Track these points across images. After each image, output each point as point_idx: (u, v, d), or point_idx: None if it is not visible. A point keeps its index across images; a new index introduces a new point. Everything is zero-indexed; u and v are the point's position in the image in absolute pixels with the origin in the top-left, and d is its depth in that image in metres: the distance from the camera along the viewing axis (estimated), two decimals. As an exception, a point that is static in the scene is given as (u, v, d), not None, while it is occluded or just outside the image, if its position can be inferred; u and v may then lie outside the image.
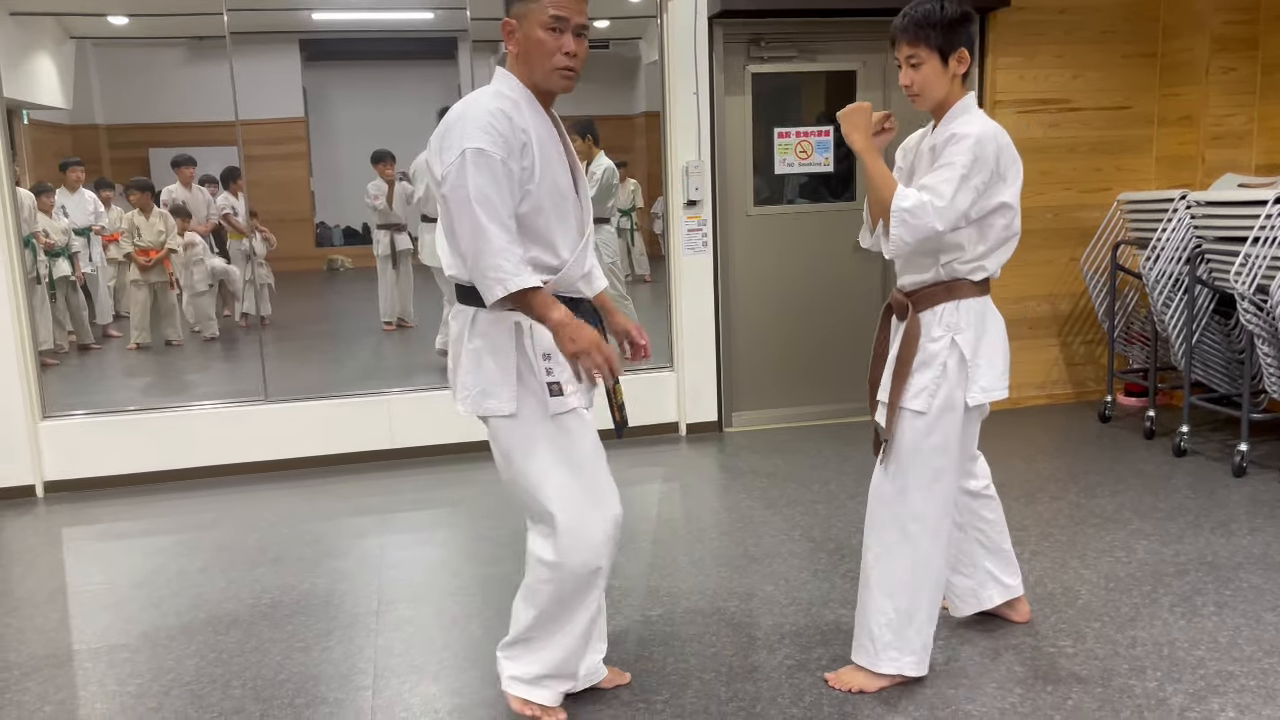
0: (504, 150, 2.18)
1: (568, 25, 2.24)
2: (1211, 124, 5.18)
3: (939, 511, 2.58)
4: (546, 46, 2.23)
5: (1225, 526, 3.74)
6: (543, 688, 2.50)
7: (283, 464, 4.89)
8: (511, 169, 2.20)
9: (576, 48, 2.26)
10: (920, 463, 2.54)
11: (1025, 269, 5.58)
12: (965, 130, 2.42)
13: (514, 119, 2.22)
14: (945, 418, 2.52)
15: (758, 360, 5.45)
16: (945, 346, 2.52)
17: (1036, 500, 4.11)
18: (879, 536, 2.61)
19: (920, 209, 2.37)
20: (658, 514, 4.23)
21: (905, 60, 2.49)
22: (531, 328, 2.30)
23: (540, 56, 2.25)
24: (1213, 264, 4.54)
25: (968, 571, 2.89)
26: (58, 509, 4.52)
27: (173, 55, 7.08)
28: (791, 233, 5.42)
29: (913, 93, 2.51)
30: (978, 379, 2.53)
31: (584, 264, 2.40)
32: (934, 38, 2.43)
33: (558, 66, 2.26)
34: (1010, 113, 5.39)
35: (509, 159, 2.19)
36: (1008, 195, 2.50)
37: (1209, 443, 4.77)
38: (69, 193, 6.37)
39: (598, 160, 5.83)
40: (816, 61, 5.31)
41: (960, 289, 2.54)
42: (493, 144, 2.17)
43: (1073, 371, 5.77)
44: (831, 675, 2.70)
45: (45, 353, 4.94)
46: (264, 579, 3.58)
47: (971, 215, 2.45)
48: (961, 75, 2.50)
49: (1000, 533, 2.88)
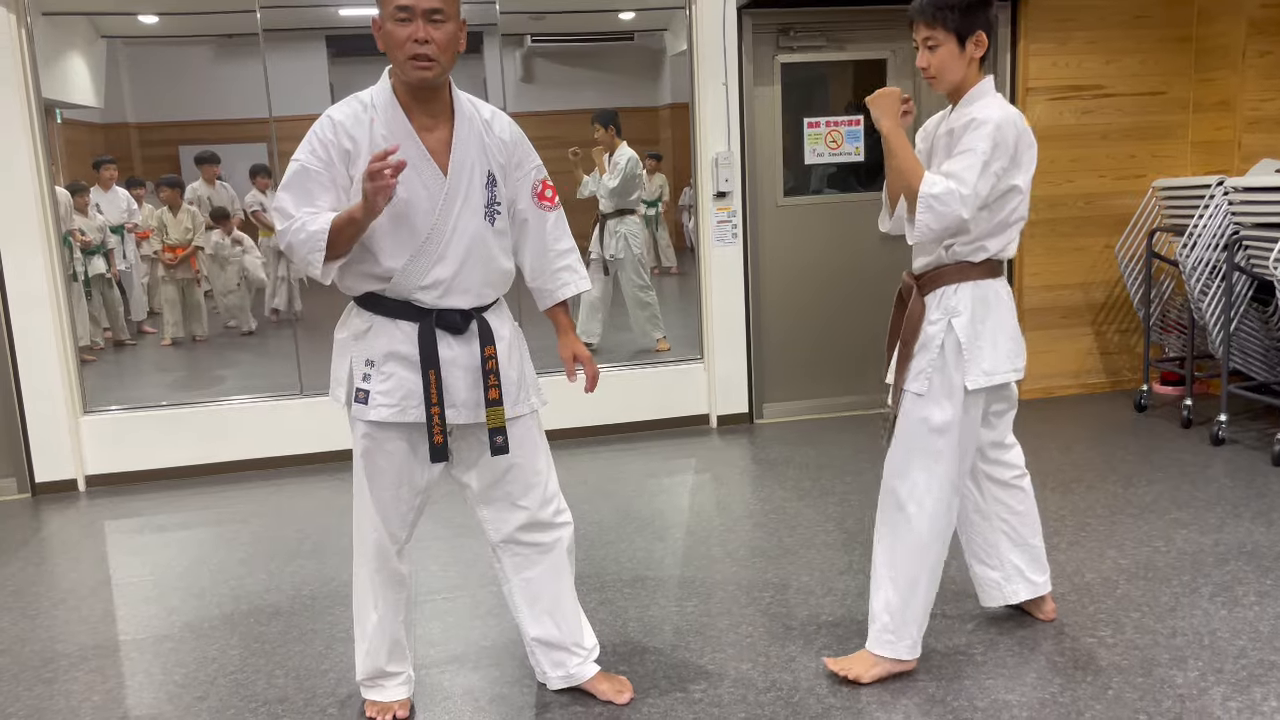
0: (324, 160, 2.23)
1: (414, 13, 2.16)
2: (1248, 109, 5.11)
3: (940, 495, 2.56)
4: (396, 37, 2.18)
5: (1265, 515, 3.70)
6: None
7: (319, 457, 4.95)
8: (334, 175, 2.24)
9: (429, 33, 2.16)
10: (920, 444, 2.55)
11: (1059, 257, 5.54)
12: (985, 115, 2.41)
13: (344, 126, 2.23)
14: (944, 400, 2.52)
15: (788, 351, 5.44)
16: (941, 330, 2.52)
17: (1073, 490, 4.08)
18: (884, 515, 2.64)
19: (948, 196, 2.36)
20: (690, 505, 4.24)
21: (922, 42, 2.48)
22: (368, 330, 2.33)
23: (394, 49, 2.20)
24: (1251, 250, 4.48)
25: (993, 564, 2.86)
26: (99, 502, 4.60)
27: (201, 53, 7.14)
28: (822, 223, 5.40)
29: (929, 75, 2.50)
30: (979, 362, 2.50)
31: (426, 274, 2.28)
32: (951, 20, 2.42)
33: (409, 56, 2.18)
34: (1043, 99, 5.34)
35: (329, 168, 2.23)
36: (1020, 179, 2.48)
37: (1247, 431, 4.71)
38: (103, 191, 6.45)
39: (620, 150, 5.84)
40: (846, 51, 5.29)
41: (964, 271, 2.53)
42: (311, 155, 2.23)
43: (1108, 360, 5.71)
44: (834, 660, 2.70)
45: (83, 349, 5.02)
46: (304, 570, 3.63)
47: (989, 201, 2.44)
48: (979, 58, 2.48)
49: (1028, 526, 2.84)
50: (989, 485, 2.80)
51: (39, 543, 4.12)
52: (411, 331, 2.31)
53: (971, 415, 2.58)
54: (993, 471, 2.79)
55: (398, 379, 2.32)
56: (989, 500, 2.81)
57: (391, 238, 2.27)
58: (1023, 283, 5.53)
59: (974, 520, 2.83)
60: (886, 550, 2.62)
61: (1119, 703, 2.49)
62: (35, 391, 4.63)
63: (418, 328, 2.31)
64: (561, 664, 2.60)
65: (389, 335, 2.32)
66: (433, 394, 2.29)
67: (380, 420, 2.35)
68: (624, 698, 2.59)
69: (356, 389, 2.35)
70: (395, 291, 2.31)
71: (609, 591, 3.31)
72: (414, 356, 2.31)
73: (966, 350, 2.50)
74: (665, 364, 5.40)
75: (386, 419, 2.35)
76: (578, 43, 6.61)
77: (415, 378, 2.31)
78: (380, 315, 2.33)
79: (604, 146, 5.91)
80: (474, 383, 2.36)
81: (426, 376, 2.29)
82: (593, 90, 7.01)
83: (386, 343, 2.32)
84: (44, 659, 3.04)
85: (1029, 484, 2.84)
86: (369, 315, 2.34)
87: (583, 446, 5.00)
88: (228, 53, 7.07)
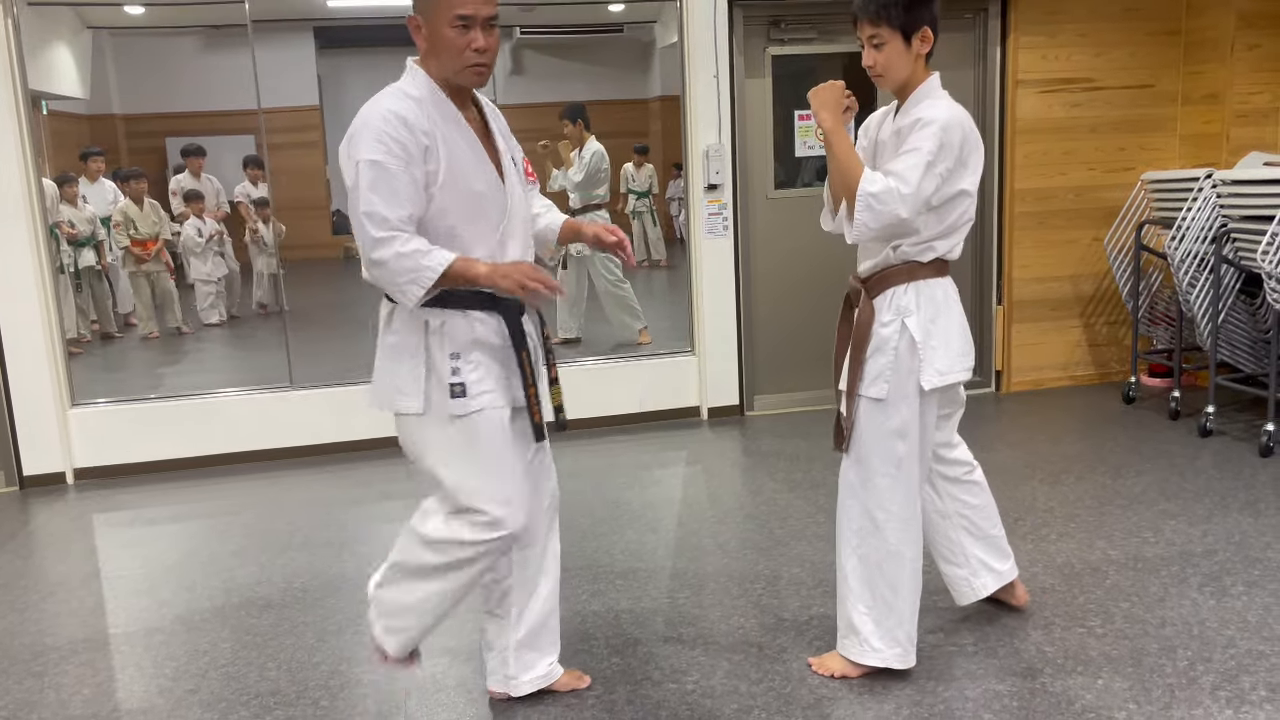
0: (402, 158, 2.13)
1: (475, 21, 2.15)
2: (1237, 102, 5.13)
3: (905, 499, 2.54)
4: (455, 45, 2.16)
5: (1253, 506, 3.73)
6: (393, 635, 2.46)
7: (309, 450, 4.94)
8: (415, 175, 2.15)
9: (486, 42, 2.17)
10: (882, 450, 2.52)
11: (1049, 249, 5.56)
12: (931, 115, 2.38)
13: (413, 122, 2.16)
14: (902, 403, 2.49)
15: (779, 343, 5.45)
16: (895, 331, 2.49)
17: (1062, 481, 4.11)
18: (849, 526, 2.59)
19: (887, 194, 2.34)
20: (681, 497, 4.25)
21: (868, 40, 2.45)
22: (442, 325, 2.27)
23: (449, 55, 2.18)
24: (1239, 243, 4.51)
25: (958, 561, 2.85)
26: (88, 495, 4.57)
27: (188, 44, 7.10)
28: (812, 215, 5.32)
29: (876, 73, 2.48)
30: (933, 362, 2.48)
31: (504, 258, 2.32)
32: (896, 16, 2.40)
33: (468, 64, 2.18)
34: (1033, 92, 5.35)
35: (410, 165, 2.14)
36: (967, 183, 2.46)
37: (1235, 423, 4.74)
38: (89, 183, 6.41)
39: (588, 145, 5.85)
40: (836, 43, 5.28)
41: (912, 271, 2.50)
42: (387, 153, 2.12)
43: (1096, 352, 5.74)
44: (815, 660, 2.71)
45: (70, 341, 4.99)
46: (294, 563, 3.62)
47: (933, 202, 2.42)
48: (925, 55, 2.46)
49: (987, 518, 2.84)
50: (944, 484, 2.80)
51: (27, 536, 4.09)
52: (486, 318, 2.29)
53: (928, 416, 2.55)
54: (945, 470, 2.79)
55: (485, 366, 2.30)
56: (946, 499, 2.81)
57: (472, 228, 2.27)
58: (1012, 275, 5.55)
59: (935, 521, 2.82)
60: (859, 562, 2.58)
61: (1109, 692, 2.51)
62: (23, 384, 4.60)
63: (499, 313, 2.29)
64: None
65: (466, 326, 2.28)
66: (528, 374, 2.31)
67: (487, 408, 2.30)
68: (585, 682, 2.67)
69: (451, 385, 2.27)
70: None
71: (601, 583, 3.32)
72: (493, 341, 2.30)
73: (921, 349, 2.48)
74: (656, 356, 5.40)
75: (493, 405, 2.30)
76: (567, 34, 6.60)
77: (495, 363, 2.31)
78: (450, 309, 2.27)
79: (572, 141, 5.92)
80: (540, 362, 2.43)
81: (520, 358, 2.30)
82: (582, 82, 6.99)
83: (466, 332, 2.28)
84: (33, 652, 3.03)
85: (981, 475, 2.83)
86: (438, 311, 2.27)
87: (575, 439, 5.00)
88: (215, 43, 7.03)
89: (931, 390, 2.50)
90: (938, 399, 2.58)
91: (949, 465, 2.80)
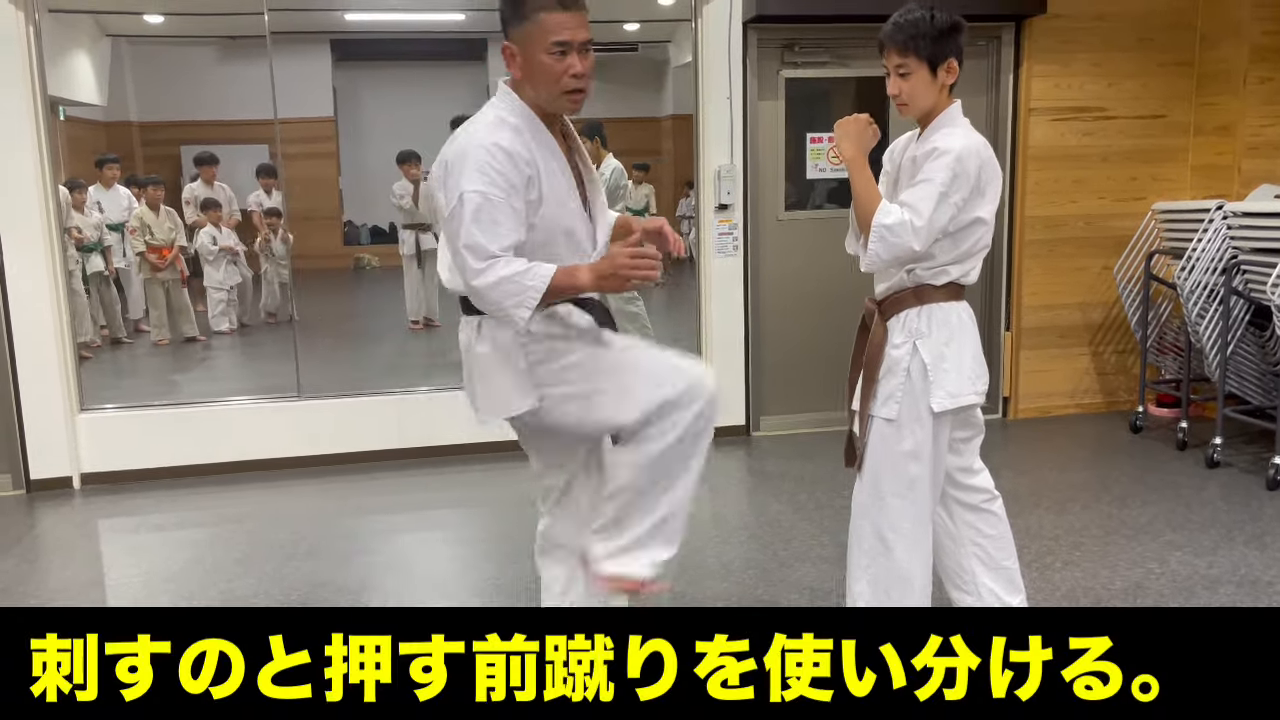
0: (505, 189, 2.13)
1: (571, 46, 2.15)
2: (1248, 134, 5.14)
3: (915, 520, 2.54)
4: (553, 71, 2.15)
5: (1259, 539, 3.72)
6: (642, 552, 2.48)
7: (316, 460, 4.94)
8: (516, 206, 2.15)
9: (584, 66, 2.17)
10: (893, 471, 2.53)
11: (1059, 277, 5.56)
12: (947, 145, 2.40)
13: (515, 152, 2.15)
14: (914, 425, 2.50)
15: (786, 364, 5.45)
16: (907, 353, 2.51)
17: (1068, 510, 4.09)
18: (860, 547, 2.59)
19: (900, 227, 2.37)
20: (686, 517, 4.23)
21: (894, 69, 2.48)
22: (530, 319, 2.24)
23: (547, 82, 2.17)
24: (1249, 275, 4.50)
25: (968, 588, 2.80)
26: (94, 501, 4.59)
27: (205, 54, 7.17)
28: (822, 238, 5.41)
29: (900, 102, 2.50)
30: (944, 384, 2.49)
31: None
32: (923, 48, 2.42)
33: (566, 90, 2.18)
34: (1045, 120, 5.37)
35: (511, 197, 2.14)
36: (984, 211, 2.48)
37: (1242, 455, 4.73)
38: (104, 189, 6.46)
39: (606, 162, 5.87)
40: (849, 67, 5.31)
41: (925, 294, 2.52)
42: (490, 185, 2.12)
43: (1104, 381, 5.73)
44: None
45: (80, 346, 5.01)
46: (298, 572, 3.62)
47: (949, 229, 2.44)
48: (950, 85, 2.49)
49: (1001, 549, 2.79)
50: (959, 510, 2.77)
51: (33, 540, 4.11)
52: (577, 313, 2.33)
53: (940, 439, 2.56)
54: (962, 496, 2.76)
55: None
56: (959, 525, 2.78)
57: (569, 253, 2.27)
58: (1021, 302, 5.55)
59: (946, 545, 2.79)
60: (870, 583, 2.58)
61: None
62: (33, 388, 4.61)
63: (591, 317, 2.31)
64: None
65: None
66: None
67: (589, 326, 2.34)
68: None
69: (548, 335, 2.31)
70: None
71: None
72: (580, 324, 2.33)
73: (932, 372, 2.49)
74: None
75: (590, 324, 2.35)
76: (582, 52, 6.64)
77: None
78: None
79: (591, 158, 5.94)
80: None
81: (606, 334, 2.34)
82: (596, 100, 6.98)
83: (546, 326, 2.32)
84: (36, 657, 3.03)
85: (1000, 506, 2.79)
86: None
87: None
88: (231, 54, 7.10)
89: (943, 412, 2.51)
90: (950, 421, 2.58)
91: (967, 491, 2.76)
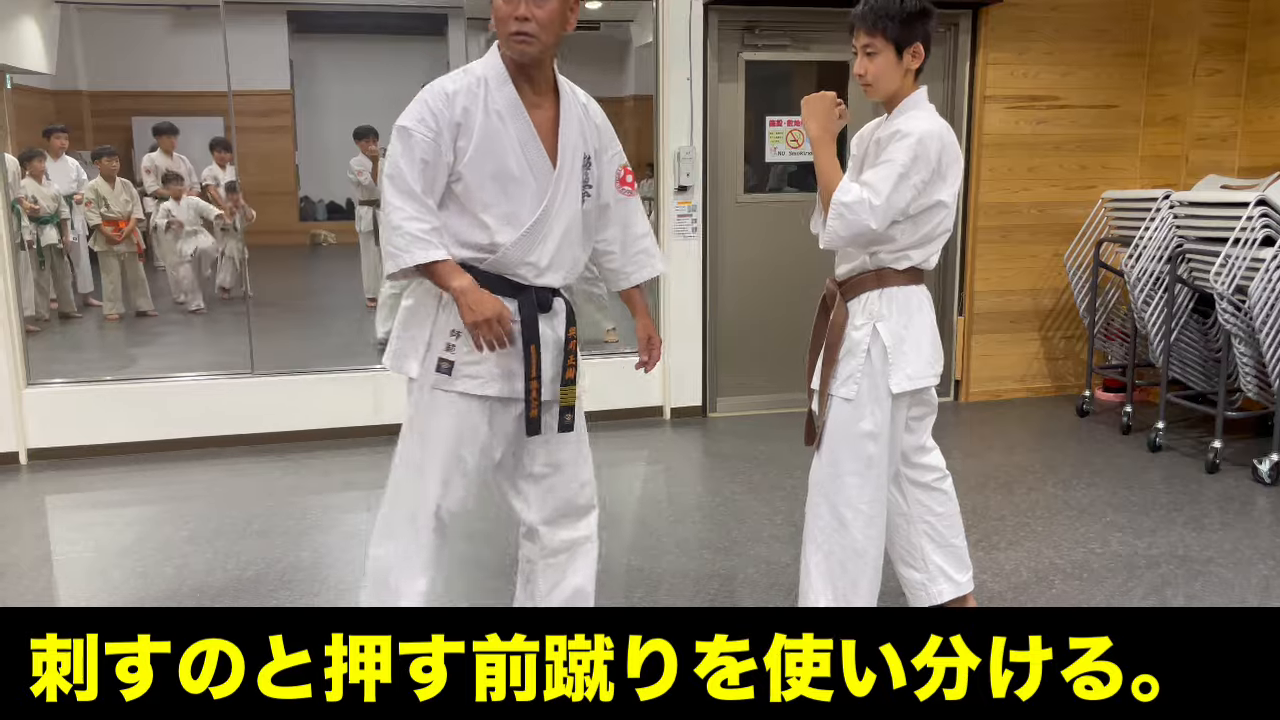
0: (432, 128, 2.20)
1: None
2: (1197, 125, 5.25)
3: (872, 498, 2.60)
4: (501, 13, 2.22)
5: (1197, 521, 3.83)
6: None
7: (269, 437, 4.90)
8: (440, 146, 2.21)
9: (529, 10, 2.20)
10: (851, 449, 2.58)
11: (1010, 263, 5.65)
12: (909, 128, 2.44)
13: (456, 98, 2.22)
14: (873, 405, 2.56)
15: (743, 346, 5.49)
16: (867, 334, 2.56)
17: (1014, 491, 4.18)
18: (816, 524, 2.64)
19: (858, 205, 2.40)
20: (641, 496, 4.27)
21: (861, 49, 2.51)
22: (449, 300, 2.28)
23: (499, 24, 2.24)
24: (1193, 263, 4.61)
25: (918, 565, 2.88)
26: (41, 477, 4.51)
27: (157, 23, 7.01)
28: (781, 220, 5.45)
29: (865, 82, 2.53)
30: (903, 366, 2.55)
31: (531, 251, 2.31)
32: (891, 29, 2.46)
33: (510, 33, 2.22)
34: (1000, 108, 5.44)
35: (439, 136, 2.21)
36: (945, 194, 2.51)
37: (1184, 439, 4.85)
38: (52, 160, 6.32)
39: None
40: (810, 51, 5.33)
41: (886, 277, 2.57)
42: (418, 122, 2.20)
43: (1053, 366, 5.85)
44: None
45: (28, 319, 4.91)
46: (249, 551, 3.60)
47: (909, 212, 2.48)
48: (915, 70, 2.52)
49: (950, 527, 2.87)
50: (911, 489, 2.84)
51: (-23, 516, 4.04)
52: (505, 304, 2.29)
53: (897, 419, 2.62)
54: (914, 475, 2.83)
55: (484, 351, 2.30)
56: (911, 504, 2.85)
57: (503, 213, 2.28)
58: (973, 287, 5.64)
59: (897, 524, 2.86)
60: (824, 558, 2.63)
61: (1050, 698, 2.57)
62: (-23, 362, 4.52)
63: (518, 302, 2.30)
64: None
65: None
66: (533, 368, 2.31)
67: (465, 392, 2.32)
68: None
69: (439, 359, 2.31)
70: (496, 266, 2.30)
71: (558, 579, 3.33)
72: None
73: (892, 354, 2.54)
74: (620, 355, 5.43)
75: (471, 391, 2.32)
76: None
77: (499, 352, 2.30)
78: None
79: None
80: (554, 360, 2.39)
81: (528, 351, 2.31)
82: (557, 78, 6.98)
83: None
84: (-20, 634, 2.99)
85: (950, 485, 2.87)
86: None
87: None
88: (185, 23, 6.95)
89: (901, 394, 2.56)
90: (908, 402, 2.64)
91: (919, 470, 2.82)
